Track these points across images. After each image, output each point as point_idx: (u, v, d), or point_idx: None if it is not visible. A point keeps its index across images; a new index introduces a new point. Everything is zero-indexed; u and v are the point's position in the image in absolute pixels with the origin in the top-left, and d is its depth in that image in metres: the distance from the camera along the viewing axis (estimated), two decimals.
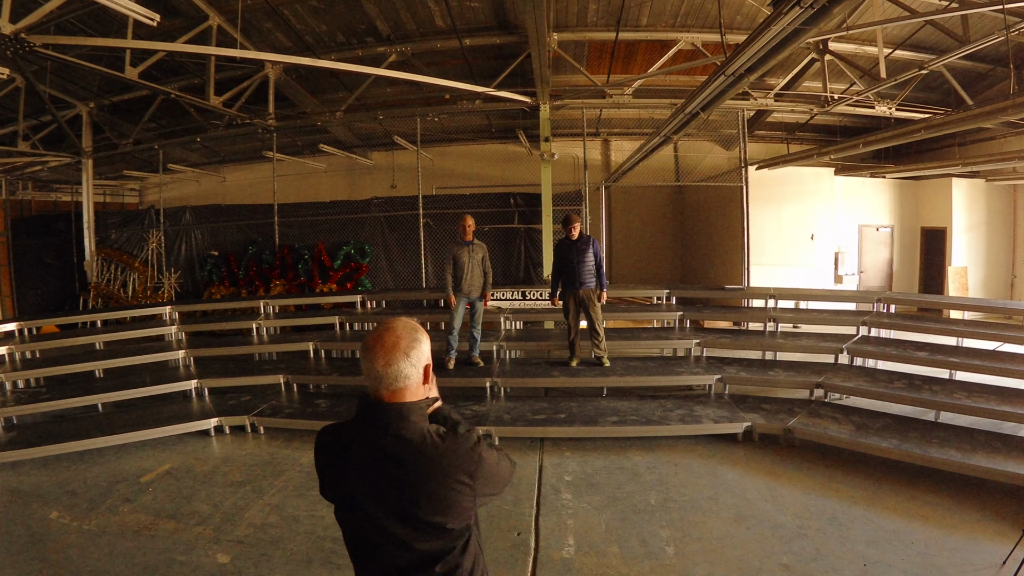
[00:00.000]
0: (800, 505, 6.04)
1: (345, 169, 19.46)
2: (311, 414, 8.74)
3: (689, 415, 8.11)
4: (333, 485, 2.29)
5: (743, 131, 13.72)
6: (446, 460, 2.16)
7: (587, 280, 9.51)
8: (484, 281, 9.79)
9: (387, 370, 2.20)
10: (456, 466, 2.17)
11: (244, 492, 6.72)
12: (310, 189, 18.98)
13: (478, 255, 9.69)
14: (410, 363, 2.23)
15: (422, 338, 2.30)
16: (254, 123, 14.31)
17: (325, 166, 19.26)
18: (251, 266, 15.66)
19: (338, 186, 19.38)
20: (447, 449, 2.18)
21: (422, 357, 2.28)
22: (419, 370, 2.26)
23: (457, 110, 14.14)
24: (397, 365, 2.21)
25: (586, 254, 9.48)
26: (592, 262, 9.50)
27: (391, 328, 2.27)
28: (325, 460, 2.32)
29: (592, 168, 15.96)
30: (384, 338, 2.24)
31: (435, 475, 2.14)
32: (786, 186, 15.72)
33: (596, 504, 6.23)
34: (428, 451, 2.17)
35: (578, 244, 9.53)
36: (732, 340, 10.59)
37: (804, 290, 12.63)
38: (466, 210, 13.45)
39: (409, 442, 2.17)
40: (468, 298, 9.73)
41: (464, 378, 9.47)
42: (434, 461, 2.16)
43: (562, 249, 9.68)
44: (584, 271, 9.47)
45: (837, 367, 9.32)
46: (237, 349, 11.16)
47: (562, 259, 9.65)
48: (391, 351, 2.21)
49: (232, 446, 8.20)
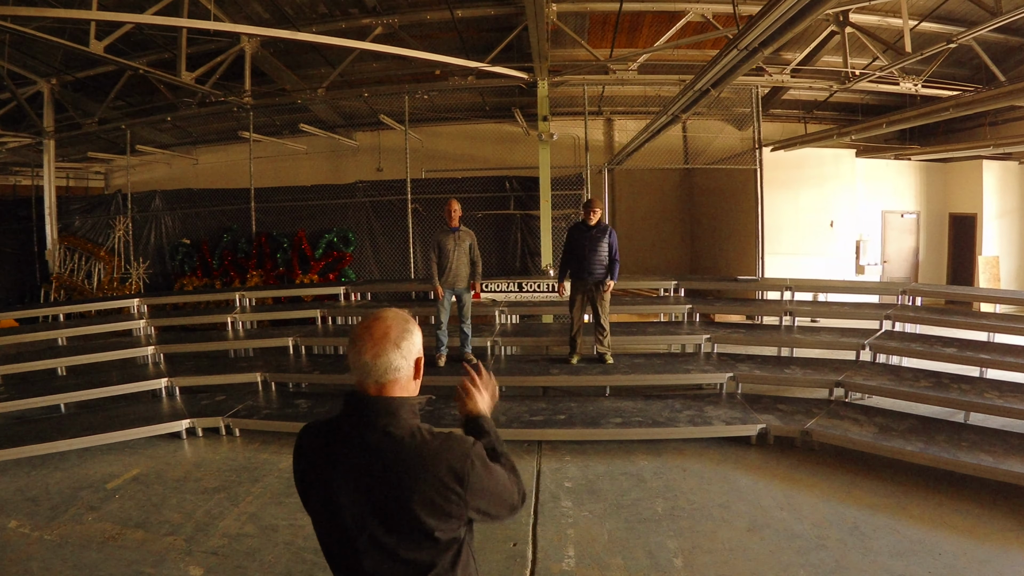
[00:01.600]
0: (819, 513, 6.02)
1: (327, 151, 19.37)
2: (291, 415, 8.71)
3: (699, 416, 8.10)
4: (315, 487, 2.26)
5: (757, 110, 13.68)
6: (434, 460, 2.14)
7: (597, 271, 9.46)
8: (472, 271, 9.76)
9: (376, 361, 2.20)
10: (445, 468, 2.13)
11: (218, 499, 6.69)
12: (290, 172, 18.91)
13: (465, 243, 9.65)
14: (400, 354, 2.22)
15: (413, 329, 2.30)
16: (229, 101, 14.24)
17: (306, 147, 19.20)
18: (226, 255, 15.63)
19: (320, 169, 19.31)
20: (437, 448, 2.16)
21: (413, 349, 2.27)
22: (410, 363, 2.26)
23: (448, 87, 14.08)
24: (387, 356, 2.20)
25: (600, 243, 9.42)
26: (606, 252, 9.45)
27: (381, 318, 2.27)
28: (307, 460, 2.29)
29: (594, 149, 15.95)
30: (373, 328, 2.24)
31: (423, 476, 2.11)
32: (803, 169, 15.69)
33: (598, 512, 6.21)
34: (417, 449, 2.15)
35: (594, 231, 9.47)
36: (745, 335, 10.57)
37: (823, 281, 12.63)
38: (455, 194, 13.41)
39: (398, 439, 2.15)
40: (454, 290, 9.69)
41: (457, 376, 9.36)
42: (423, 460, 2.13)
43: (576, 233, 9.62)
44: (596, 260, 9.43)
45: (859, 365, 9.31)
46: (211, 345, 11.13)
47: (574, 244, 9.59)
48: (380, 341, 2.21)
49: (205, 450, 8.16)
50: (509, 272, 14.48)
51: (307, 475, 2.29)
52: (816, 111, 18.14)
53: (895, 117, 12.54)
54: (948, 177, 16.82)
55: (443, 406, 8.66)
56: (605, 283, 9.51)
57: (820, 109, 18.02)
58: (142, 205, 16.51)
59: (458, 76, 13.77)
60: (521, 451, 7.71)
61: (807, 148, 15.42)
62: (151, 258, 16.39)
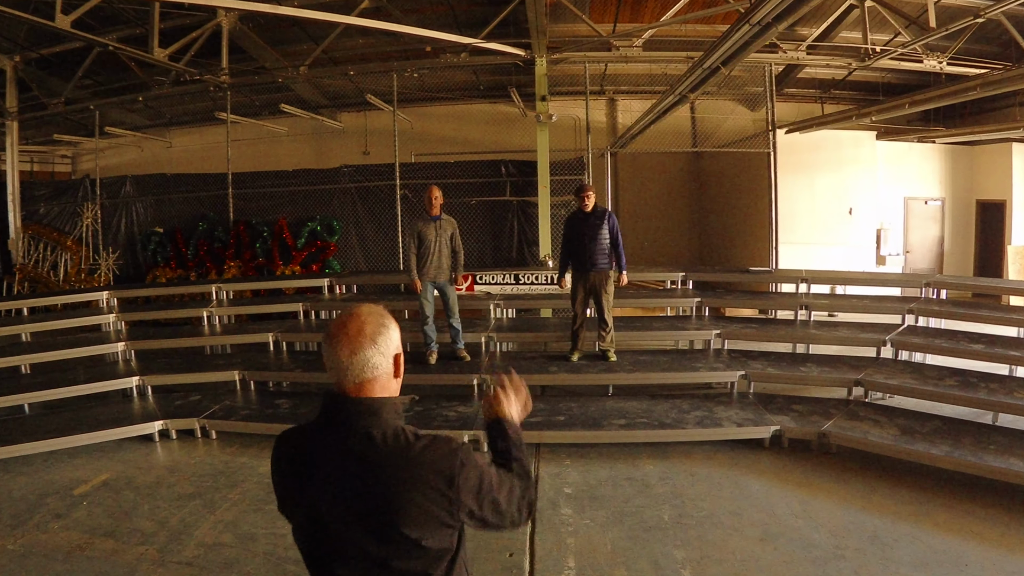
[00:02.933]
0: (836, 521, 6.02)
1: (310, 133, 19.34)
2: (271, 416, 8.70)
3: (708, 417, 8.11)
4: (294, 496, 2.26)
5: (770, 89, 13.66)
6: (421, 463, 2.13)
7: (600, 261, 9.44)
8: (454, 262, 9.76)
9: (352, 359, 2.20)
10: (432, 471, 2.13)
11: (193, 507, 6.68)
12: (270, 156, 18.82)
13: (447, 232, 9.63)
14: (378, 350, 2.23)
15: (390, 324, 2.30)
16: (205, 80, 14.19)
17: (287, 129, 19.15)
18: (201, 245, 15.59)
19: (302, 153, 19.24)
20: (423, 450, 2.16)
21: (391, 344, 2.28)
22: (388, 359, 2.26)
23: (440, 64, 14.03)
24: (363, 353, 2.21)
25: (600, 230, 9.40)
26: (607, 239, 9.43)
27: (354, 314, 2.28)
28: (284, 469, 2.29)
29: (596, 132, 15.90)
30: (347, 324, 2.25)
31: (409, 480, 2.11)
32: (820, 152, 15.68)
33: (600, 520, 6.21)
34: (402, 451, 2.14)
35: (591, 218, 9.46)
36: (758, 331, 10.59)
37: (841, 273, 12.65)
38: (445, 180, 13.38)
39: (380, 442, 2.15)
40: (435, 283, 9.67)
41: (447, 374, 9.45)
42: (408, 464, 2.13)
43: (573, 223, 9.61)
44: (597, 250, 9.41)
45: (879, 362, 9.31)
46: (185, 341, 11.13)
47: (572, 235, 9.58)
48: (355, 337, 2.21)
49: (179, 453, 8.16)
50: (505, 263, 14.46)
51: (286, 485, 2.29)
52: (834, 91, 18.10)
53: (918, 97, 12.51)
54: (975, 161, 16.82)
55: (434, 406, 8.66)
56: (610, 274, 9.50)
57: (838, 88, 17.99)
58: (112, 191, 16.43)
59: (450, 53, 13.71)
60: None
61: (824, 130, 15.37)
62: (121, 248, 16.32)
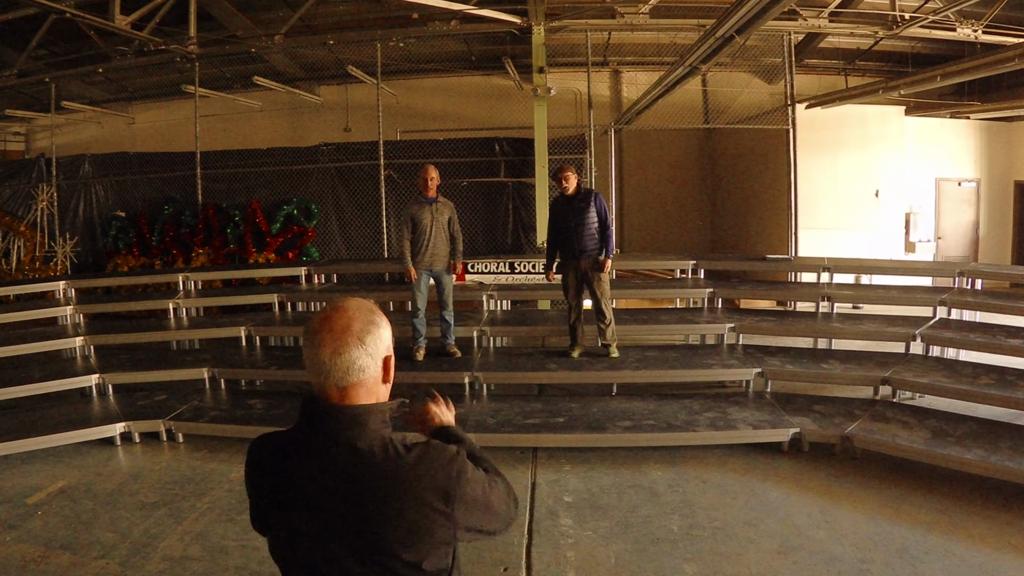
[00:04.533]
0: (861, 533, 6.00)
1: (286, 108, 19.31)
2: (243, 418, 8.68)
3: (721, 419, 8.08)
4: (269, 513, 2.22)
5: (789, 60, 13.62)
6: (413, 478, 2.09)
7: (589, 247, 9.41)
8: (452, 249, 9.72)
9: (336, 360, 2.14)
10: (427, 486, 2.08)
11: (158, 516, 6.65)
12: (242, 133, 18.80)
13: (443, 216, 9.58)
14: (365, 351, 2.17)
15: (380, 322, 2.23)
16: (171, 50, 14.13)
17: (261, 104, 19.11)
18: (167, 230, 15.55)
19: (278, 129, 19.24)
20: (415, 463, 2.11)
21: (381, 346, 2.22)
22: (377, 362, 2.20)
23: (427, 33, 14.00)
24: (349, 353, 2.14)
25: (586, 214, 9.36)
26: (595, 223, 9.39)
27: (341, 308, 2.21)
28: (258, 481, 2.26)
29: (599, 107, 15.85)
30: (332, 320, 2.18)
31: (401, 498, 2.06)
32: (844, 129, 15.66)
33: (603, 531, 6.18)
34: (391, 465, 2.10)
35: (576, 201, 9.41)
36: (776, 324, 10.58)
37: (867, 261, 12.63)
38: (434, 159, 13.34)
39: (367, 455, 2.10)
40: (431, 271, 9.64)
41: (437, 372, 9.42)
42: (399, 480, 2.08)
43: (557, 209, 9.60)
44: (585, 235, 9.37)
45: (908, 358, 9.30)
46: (150, 336, 11.12)
47: (557, 222, 9.57)
48: (341, 335, 2.15)
49: (143, 458, 8.13)
50: (499, 250, 14.43)
51: (260, 497, 2.26)
52: (859, 62, 18.06)
53: (951, 68, 12.48)
54: (1014, 139, 16.82)
55: None
56: (600, 261, 9.46)
57: (863, 59, 17.95)
58: (69, 171, 16.40)
59: (439, 20, 13.68)
60: (513, 460, 7.69)
61: (848, 105, 15.37)
62: (80, 234, 16.30)
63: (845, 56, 17.95)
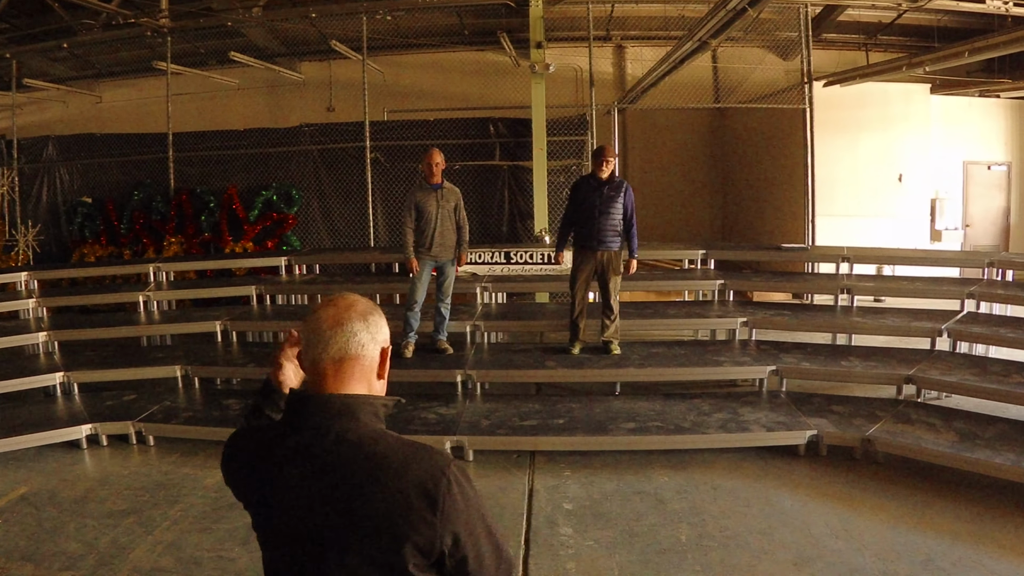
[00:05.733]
0: (884, 542, 5.99)
1: (265, 86, 19.31)
2: (218, 419, 8.65)
3: (733, 420, 8.07)
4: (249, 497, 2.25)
5: (806, 34, 13.63)
6: (401, 470, 2.06)
7: (609, 239, 9.37)
8: (458, 238, 9.68)
9: (337, 330, 2.18)
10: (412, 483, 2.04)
11: (127, 525, 6.63)
12: (218, 113, 18.79)
13: (450, 203, 9.54)
14: (367, 328, 2.22)
15: (380, 315, 2.30)
16: (141, 23, 14.11)
17: (238, 82, 19.11)
18: (137, 217, 15.53)
19: (256, 109, 19.22)
20: (405, 458, 2.08)
21: (381, 331, 2.27)
22: (376, 346, 2.24)
23: (417, 5, 13.96)
24: (352, 324, 2.20)
25: (614, 203, 9.32)
26: (619, 215, 9.36)
27: (346, 296, 2.28)
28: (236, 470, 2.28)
29: (601, 84, 15.83)
30: (337, 302, 2.26)
31: (385, 486, 2.04)
32: (864, 109, 15.64)
33: (606, 541, 6.17)
34: (380, 455, 2.08)
35: (607, 188, 9.36)
36: (791, 318, 10.58)
37: (889, 250, 12.63)
38: (422, 141, 13.31)
39: (356, 445, 2.10)
40: (436, 262, 9.60)
41: (427, 369, 9.41)
42: (385, 469, 2.06)
43: (584, 189, 9.50)
44: (608, 226, 9.34)
45: (934, 355, 9.29)
46: (118, 331, 11.11)
47: (581, 204, 9.48)
48: (345, 311, 2.22)
49: (111, 462, 8.11)
50: (494, 239, 14.44)
51: (238, 485, 2.27)
52: (880, 36, 18.06)
53: (980, 43, 12.45)
54: None
55: (410, 407, 8.62)
56: (619, 256, 9.44)
57: (885, 34, 17.94)
58: (32, 154, 16.40)
59: None
60: (509, 464, 7.66)
61: (869, 82, 15.36)
62: (43, 221, 16.27)
63: (866, 30, 17.94)
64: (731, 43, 14.75)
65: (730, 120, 19.22)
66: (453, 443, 7.64)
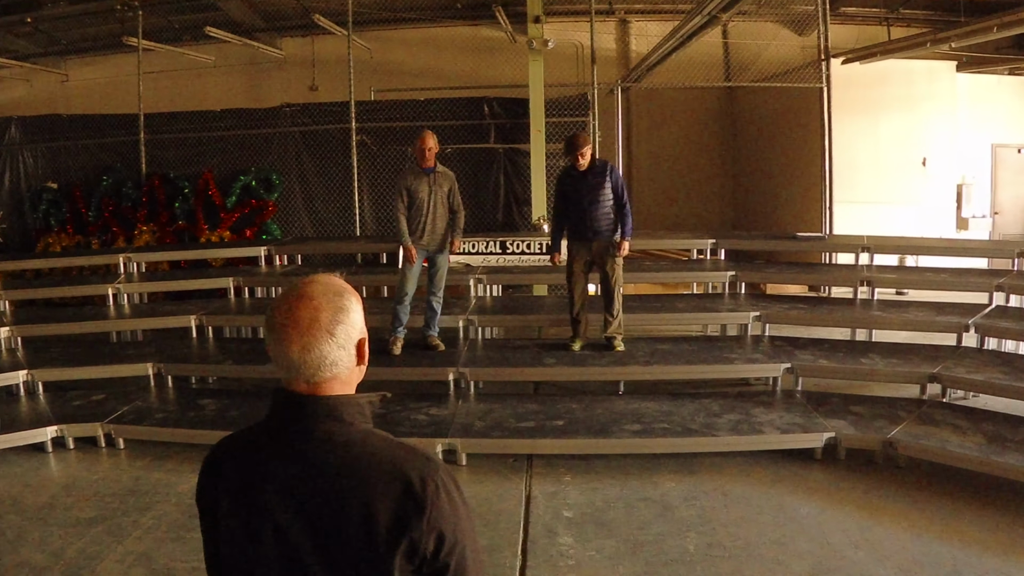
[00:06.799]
0: (906, 553, 5.99)
1: (244, 64, 19.32)
2: (193, 420, 8.66)
3: (745, 422, 8.07)
4: (227, 521, 2.17)
5: (824, 7, 13.58)
6: (389, 468, 2.05)
7: (603, 228, 9.35)
8: (452, 224, 9.67)
9: (305, 356, 2.11)
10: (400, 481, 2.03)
11: (96, 534, 6.62)
12: (193, 93, 18.76)
13: (443, 188, 9.52)
14: (336, 343, 2.13)
15: (349, 304, 2.21)
16: None
17: (214, 60, 19.10)
18: (106, 204, 15.52)
19: (234, 89, 19.23)
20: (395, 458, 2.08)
21: (352, 332, 2.19)
22: (350, 351, 2.18)
23: None
24: (319, 349, 2.11)
25: (600, 190, 9.29)
26: (609, 201, 9.32)
27: (306, 295, 2.17)
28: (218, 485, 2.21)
29: (603, 62, 15.81)
30: (297, 311, 2.14)
31: (372, 484, 2.03)
32: (886, 88, 15.65)
33: (609, 552, 6.17)
34: (368, 454, 2.08)
35: (589, 176, 9.34)
36: (807, 312, 10.58)
37: (912, 240, 12.64)
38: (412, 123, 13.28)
39: (343, 445, 2.08)
40: (427, 251, 9.59)
41: (417, 367, 9.42)
42: (373, 466, 2.05)
43: (567, 184, 9.52)
44: (599, 215, 9.31)
45: (960, 352, 9.30)
46: (86, 326, 11.09)
47: (567, 198, 9.50)
48: (309, 329, 2.11)
49: (79, 467, 8.12)
50: (489, 227, 14.43)
51: (218, 504, 2.20)
52: (903, 10, 18.03)
53: (1010, 17, 12.42)
54: None
55: (399, 407, 8.61)
56: (616, 243, 9.41)
57: (908, 7, 17.92)
58: None
59: None
60: (505, 469, 7.67)
61: (891, 60, 15.36)
62: (5, 209, 16.29)
63: (887, 3, 17.91)
64: (743, 17, 14.75)
65: (742, 100, 19.23)
66: (445, 446, 7.64)
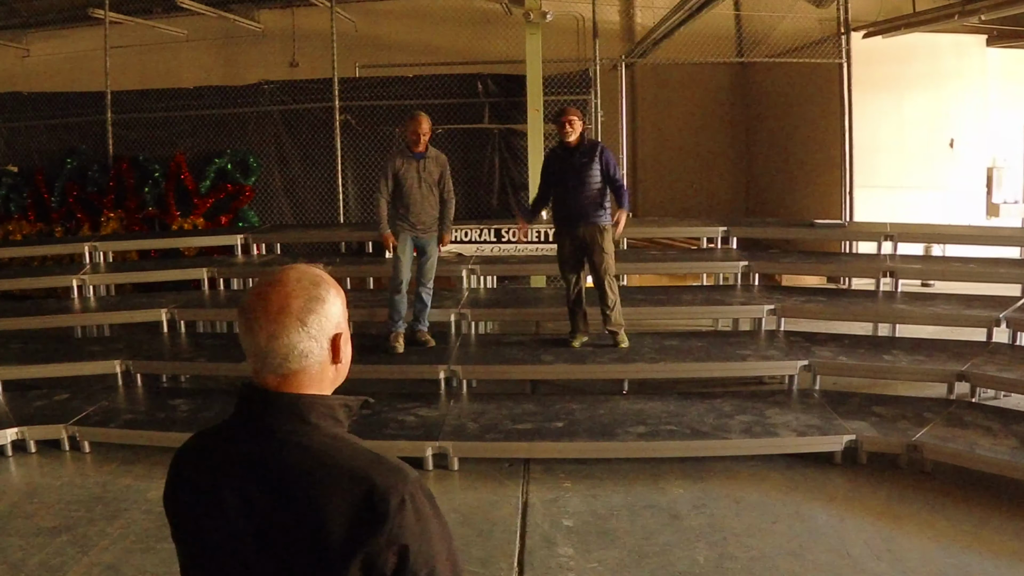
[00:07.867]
0: (932, 565, 5.99)
1: (219, 38, 19.27)
2: (164, 422, 8.67)
3: (758, 424, 8.07)
4: (189, 527, 2.19)
5: None
6: (351, 478, 2.00)
7: (592, 212, 9.31)
8: (442, 215, 9.64)
9: (272, 344, 2.09)
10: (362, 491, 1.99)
11: (60, 544, 6.62)
12: (164, 69, 18.76)
13: (434, 174, 9.51)
14: (307, 333, 2.11)
15: (327, 295, 2.18)
16: None
17: (187, 33, 19.08)
18: (70, 189, 15.48)
19: (208, 65, 19.17)
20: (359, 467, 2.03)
21: (327, 323, 2.16)
22: (323, 344, 2.15)
23: None
24: (287, 337, 2.09)
25: (588, 171, 9.26)
26: (598, 183, 9.30)
27: (279, 281, 2.15)
28: (180, 490, 2.21)
29: (606, 36, 15.81)
30: (268, 296, 2.12)
31: (332, 493, 1.99)
32: (910, 63, 15.60)
33: (612, 563, 6.17)
34: (330, 456, 2.05)
35: (577, 155, 9.33)
36: (826, 306, 10.60)
37: (939, 227, 12.63)
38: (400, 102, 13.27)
39: (305, 450, 2.05)
40: (416, 240, 9.56)
41: (405, 365, 9.44)
42: (334, 476, 2.01)
43: (553, 162, 9.55)
44: (586, 197, 9.28)
45: (991, 348, 9.31)
46: (48, 320, 11.13)
47: (552, 176, 9.52)
48: (278, 315, 2.09)
49: (41, 472, 8.14)
50: (483, 214, 14.43)
51: (180, 512, 2.21)
52: None
53: None
54: None
55: (385, 407, 8.60)
56: (607, 229, 9.35)
57: None
58: None
59: None
60: (499, 474, 7.67)
61: (916, 33, 15.31)
62: None
63: None
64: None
65: (755, 77, 19.24)
66: (435, 450, 7.63)
